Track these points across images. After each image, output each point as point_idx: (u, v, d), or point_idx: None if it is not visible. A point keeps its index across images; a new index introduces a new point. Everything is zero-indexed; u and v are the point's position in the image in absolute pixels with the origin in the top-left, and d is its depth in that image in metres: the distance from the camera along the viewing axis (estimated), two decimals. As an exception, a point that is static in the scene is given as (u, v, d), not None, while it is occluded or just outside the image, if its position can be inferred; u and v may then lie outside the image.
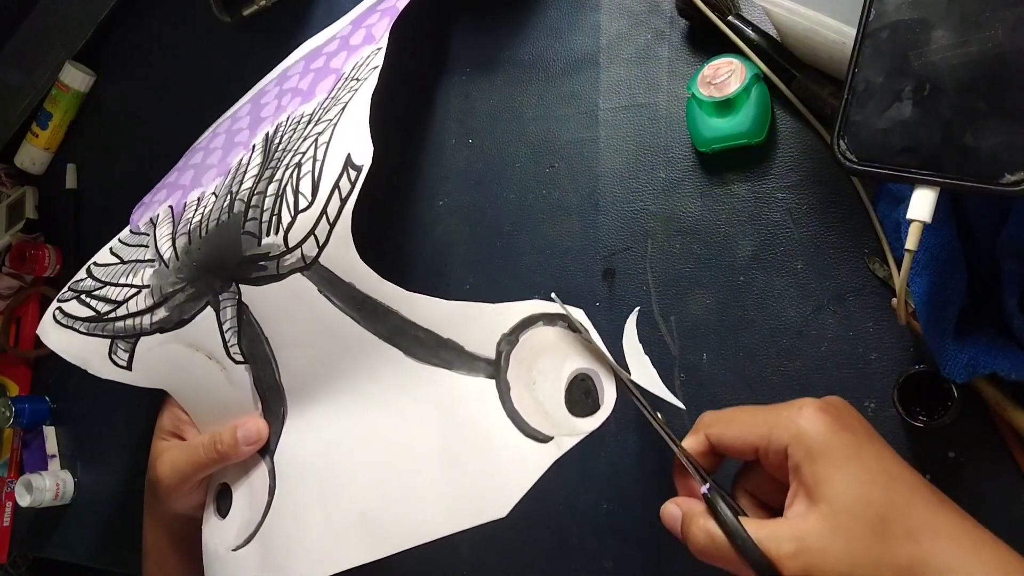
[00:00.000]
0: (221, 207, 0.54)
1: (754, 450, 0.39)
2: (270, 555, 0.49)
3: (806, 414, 0.37)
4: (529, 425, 0.44)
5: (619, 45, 0.57)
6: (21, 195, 0.86)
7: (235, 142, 0.62)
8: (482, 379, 0.45)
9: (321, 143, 0.50)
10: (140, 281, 0.57)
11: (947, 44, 0.35)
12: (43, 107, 0.84)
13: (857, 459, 0.35)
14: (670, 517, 0.40)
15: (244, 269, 0.51)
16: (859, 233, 0.48)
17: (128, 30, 0.83)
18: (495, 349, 0.45)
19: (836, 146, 0.38)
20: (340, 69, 0.57)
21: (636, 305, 0.53)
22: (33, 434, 0.82)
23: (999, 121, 0.34)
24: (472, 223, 0.61)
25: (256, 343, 0.52)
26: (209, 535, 0.54)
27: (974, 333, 0.42)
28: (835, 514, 0.34)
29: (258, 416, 0.53)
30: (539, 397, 0.44)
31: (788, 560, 0.34)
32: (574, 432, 0.43)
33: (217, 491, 0.55)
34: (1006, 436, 0.43)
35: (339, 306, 0.48)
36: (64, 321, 0.60)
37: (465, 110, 0.63)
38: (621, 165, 0.56)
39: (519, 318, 0.45)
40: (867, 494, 0.34)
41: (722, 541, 0.37)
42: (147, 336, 0.55)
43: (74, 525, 0.79)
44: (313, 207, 0.48)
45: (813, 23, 0.43)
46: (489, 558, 0.57)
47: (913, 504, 0.35)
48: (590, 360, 0.44)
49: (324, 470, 0.49)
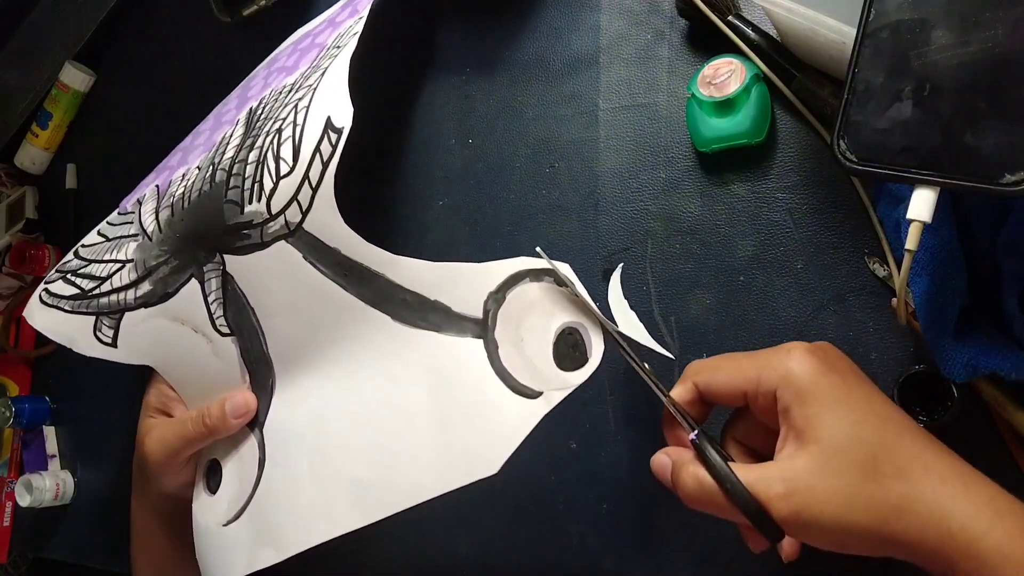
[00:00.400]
0: (203, 178, 0.53)
1: (743, 395, 0.38)
2: (261, 526, 0.49)
3: (795, 356, 0.37)
4: (518, 382, 0.44)
5: (619, 45, 0.57)
6: (21, 195, 0.86)
7: (222, 122, 0.62)
8: (470, 339, 0.45)
9: (301, 108, 0.49)
10: (124, 256, 0.56)
11: (947, 44, 0.35)
12: (43, 107, 0.84)
13: (847, 400, 0.35)
14: (660, 466, 0.40)
15: (228, 239, 0.50)
16: (859, 233, 0.48)
17: (128, 30, 0.83)
18: (482, 308, 0.45)
19: (836, 146, 0.38)
20: (324, 43, 0.56)
21: (637, 305, 0.53)
22: (33, 434, 0.82)
23: (999, 121, 0.34)
24: (472, 223, 0.61)
25: (242, 314, 0.51)
26: (199, 512, 0.53)
27: (974, 333, 0.42)
28: (825, 454, 0.34)
29: (246, 389, 0.52)
30: (527, 353, 0.44)
31: (778, 501, 0.34)
32: (563, 386, 0.43)
33: (207, 467, 0.55)
34: (1006, 436, 0.43)
35: (325, 272, 0.48)
36: (49, 301, 0.59)
37: (465, 110, 0.63)
38: (621, 165, 0.56)
39: (505, 275, 0.45)
40: (857, 434, 0.34)
41: (711, 486, 0.36)
42: (131, 311, 0.54)
43: (74, 525, 0.79)
44: (295, 172, 0.47)
45: (813, 23, 0.43)
46: (489, 558, 0.57)
47: (903, 443, 0.35)
48: (577, 314, 0.44)
49: (314, 438, 0.49)
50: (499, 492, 0.57)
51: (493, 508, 0.57)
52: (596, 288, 0.55)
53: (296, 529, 0.47)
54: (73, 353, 0.83)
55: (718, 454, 0.37)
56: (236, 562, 0.49)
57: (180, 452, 0.53)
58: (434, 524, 0.59)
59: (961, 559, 0.32)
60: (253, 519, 0.49)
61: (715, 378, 0.40)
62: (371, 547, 0.61)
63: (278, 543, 0.47)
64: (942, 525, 0.33)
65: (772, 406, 0.37)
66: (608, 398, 0.54)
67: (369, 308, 0.48)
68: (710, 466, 0.37)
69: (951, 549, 0.32)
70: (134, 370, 0.76)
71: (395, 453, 0.46)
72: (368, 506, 0.45)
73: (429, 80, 0.65)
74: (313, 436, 0.49)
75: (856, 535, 0.33)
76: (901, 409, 0.37)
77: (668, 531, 0.51)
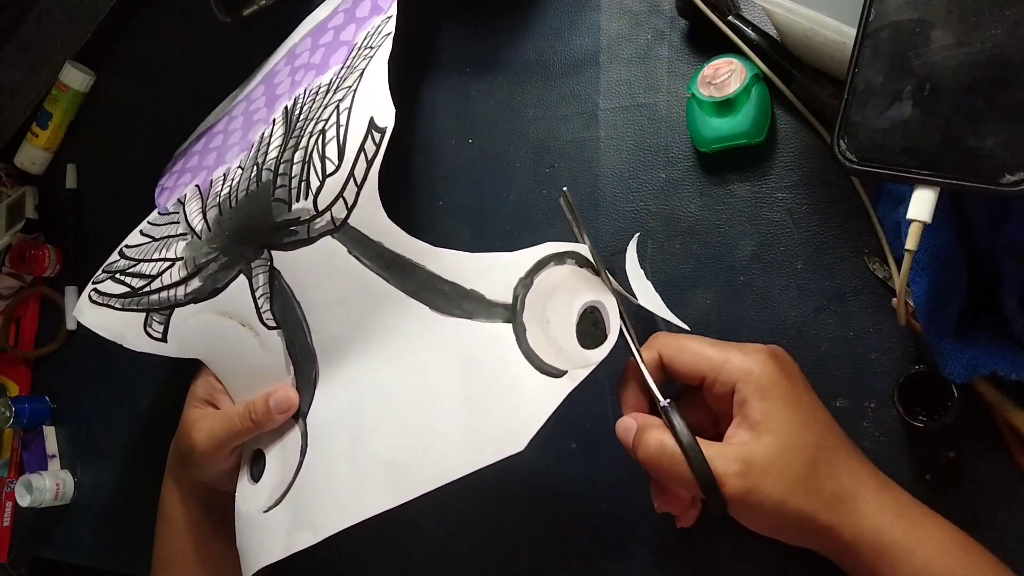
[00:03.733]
0: (249, 177, 0.56)
1: (701, 378, 0.43)
2: (299, 511, 0.50)
3: (758, 359, 0.41)
4: (544, 362, 0.45)
5: (619, 45, 0.57)
6: (21, 195, 0.86)
7: (254, 120, 0.64)
8: (499, 324, 0.47)
9: (343, 109, 0.51)
10: (173, 254, 0.59)
11: (947, 44, 0.35)
12: (43, 107, 0.84)
13: (798, 404, 0.41)
14: (624, 429, 0.44)
15: (275, 235, 0.53)
16: (859, 233, 0.48)
17: (128, 30, 0.83)
18: (512, 294, 0.47)
19: (836, 146, 0.38)
20: (352, 40, 0.58)
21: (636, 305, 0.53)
22: (33, 434, 0.82)
23: (999, 121, 0.34)
24: (472, 223, 0.61)
25: (288, 307, 0.54)
26: (242, 500, 0.55)
27: (974, 333, 0.42)
28: (779, 445, 0.39)
29: (288, 385, 0.55)
30: (553, 334, 0.46)
31: (733, 478, 0.39)
32: (586, 363, 0.45)
33: (251, 457, 0.57)
34: (1006, 436, 0.43)
35: (368, 265, 0.50)
36: (99, 300, 0.62)
37: (465, 110, 0.63)
38: (621, 165, 0.56)
39: (533, 261, 0.47)
40: (805, 435, 0.40)
41: (673, 451, 0.40)
42: (181, 307, 0.57)
43: (74, 525, 0.79)
44: (340, 170, 0.49)
45: (813, 23, 0.43)
46: (489, 557, 0.57)
47: (838, 452, 0.41)
48: (598, 292, 0.46)
49: (351, 424, 0.51)
50: (499, 492, 0.57)
51: (493, 508, 0.57)
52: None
53: (332, 510, 0.49)
54: (73, 353, 0.83)
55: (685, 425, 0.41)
56: (274, 546, 0.51)
57: (227, 444, 0.55)
58: (434, 524, 0.59)
59: (867, 551, 0.39)
60: (292, 503, 0.51)
61: (679, 356, 0.44)
62: (371, 547, 0.61)
63: (315, 525, 0.49)
64: (857, 523, 0.39)
65: (727, 395, 0.42)
66: (608, 398, 0.54)
67: (409, 299, 0.50)
68: (676, 434, 0.41)
69: (860, 543, 0.39)
70: (134, 370, 0.76)
71: (426, 435, 0.47)
72: (400, 485, 0.46)
73: (429, 80, 0.65)
74: (350, 422, 0.51)
75: (791, 521, 0.39)
76: (836, 423, 0.42)
77: (668, 531, 0.51)
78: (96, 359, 0.80)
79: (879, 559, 0.39)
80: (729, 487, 0.39)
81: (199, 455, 0.56)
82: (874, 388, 0.46)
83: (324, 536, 0.48)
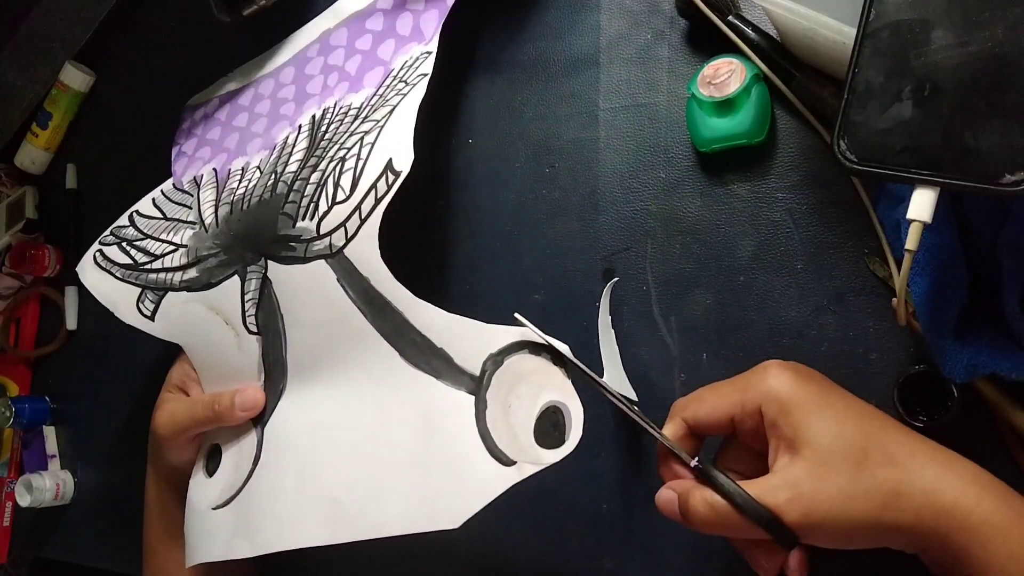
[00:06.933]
0: (265, 184, 0.58)
1: (730, 420, 0.40)
2: (243, 520, 0.52)
3: (772, 373, 0.39)
4: (497, 446, 0.44)
5: (619, 45, 0.57)
6: (21, 195, 0.86)
7: (280, 114, 0.65)
8: (463, 393, 0.46)
9: (367, 143, 0.52)
10: (180, 240, 0.62)
11: (947, 44, 0.35)
12: (43, 107, 0.84)
13: (826, 404, 0.38)
14: (666, 501, 0.41)
15: (275, 246, 0.54)
16: (859, 233, 0.48)
17: (128, 30, 0.83)
18: (480, 367, 0.46)
19: (836, 146, 0.38)
20: (388, 62, 0.59)
21: (637, 305, 0.53)
22: (33, 434, 0.82)
23: (999, 121, 0.34)
24: (472, 223, 0.61)
25: (271, 317, 0.55)
26: (195, 490, 0.57)
27: (974, 333, 0.42)
28: (819, 456, 0.36)
29: (258, 387, 0.56)
30: (511, 421, 0.45)
31: (787, 506, 0.36)
32: (537, 461, 0.43)
33: (208, 450, 0.58)
34: (1006, 436, 0.43)
35: (352, 298, 0.51)
36: (103, 264, 0.65)
37: (465, 110, 0.63)
38: (621, 165, 0.56)
39: (508, 341, 0.46)
40: (843, 431, 0.37)
41: (723, 507, 0.38)
42: (175, 292, 0.59)
43: (74, 525, 0.79)
44: (349, 201, 0.50)
45: (813, 23, 0.43)
46: (489, 557, 0.57)
47: (886, 433, 0.37)
48: (566, 394, 0.45)
49: (306, 449, 0.51)
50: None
51: (493, 508, 0.57)
52: (594, 289, 0.55)
53: (271, 530, 0.50)
54: (73, 353, 0.83)
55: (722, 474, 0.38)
56: (215, 546, 0.52)
57: (186, 430, 0.56)
58: (434, 524, 0.59)
59: (955, 532, 0.34)
60: (237, 510, 0.53)
61: (701, 409, 0.41)
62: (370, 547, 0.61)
63: (253, 539, 0.50)
64: (936, 503, 0.35)
65: (758, 426, 0.39)
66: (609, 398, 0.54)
67: (382, 340, 0.50)
68: (718, 486, 0.38)
69: (945, 525, 0.34)
70: (134, 371, 0.76)
71: (372, 483, 0.48)
72: (339, 527, 0.48)
73: (429, 80, 0.65)
74: (306, 446, 0.52)
75: (861, 526, 0.35)
76: (875, 407, 0.39)
77: (668, 531, 0.51)
78: (96, 359, 0.80)
79: (972, 542, 0.34)
80: (787, 516, 0.36)
81: (159, 438, 0.57)
82: (874, 388, 0.46)
83: (260, 552, 0.49)
